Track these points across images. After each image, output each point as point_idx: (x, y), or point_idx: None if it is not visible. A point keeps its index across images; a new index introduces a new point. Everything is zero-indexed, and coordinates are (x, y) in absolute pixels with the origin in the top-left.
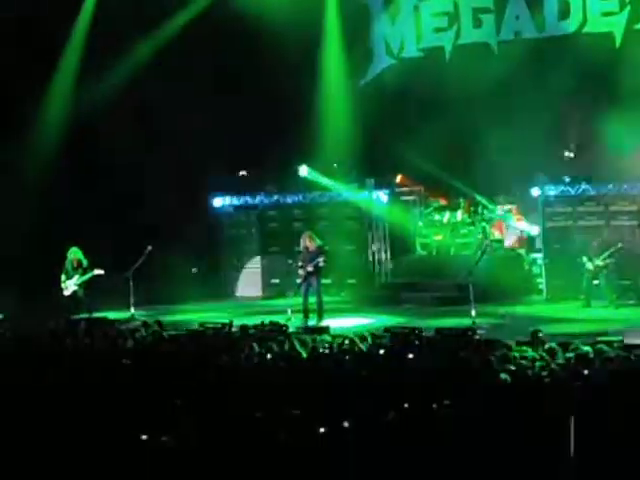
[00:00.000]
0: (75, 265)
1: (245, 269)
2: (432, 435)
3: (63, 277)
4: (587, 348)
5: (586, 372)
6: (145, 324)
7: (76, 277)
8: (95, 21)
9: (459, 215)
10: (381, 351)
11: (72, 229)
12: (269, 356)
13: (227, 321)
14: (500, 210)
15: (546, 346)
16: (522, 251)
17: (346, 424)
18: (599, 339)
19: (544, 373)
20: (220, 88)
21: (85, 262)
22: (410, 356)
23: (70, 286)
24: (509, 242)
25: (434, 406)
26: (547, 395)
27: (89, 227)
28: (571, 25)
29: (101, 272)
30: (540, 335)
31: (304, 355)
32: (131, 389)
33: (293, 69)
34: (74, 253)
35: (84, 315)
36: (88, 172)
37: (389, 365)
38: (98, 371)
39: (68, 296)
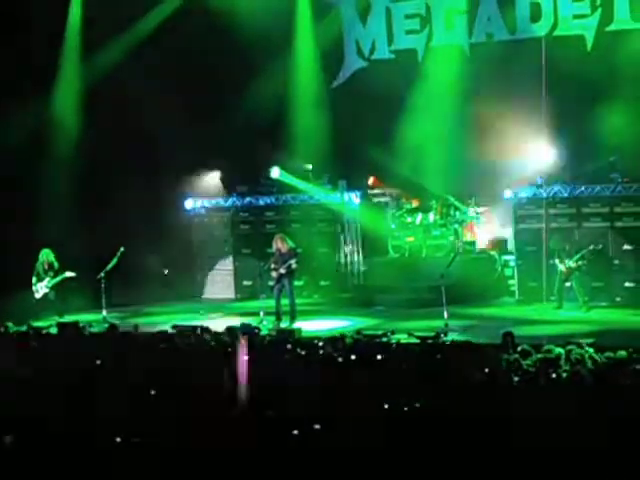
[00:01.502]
0: (46, 267)
1: (217, 271)
2: (406, 435)
3: (34, 279)
4: (559, 350)
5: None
6: (113, 327)
7: (47, 279)
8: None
9: (431, 217)
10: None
11: (41, 230)
12: None
13: (199, 323)
14: (472, 212)
15: (519, 348)
16: (494, 253)
17: (317, 426)
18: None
19: (515, 375)
20: (193, 88)
21: (56, 264)
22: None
23: (41, 289)
24: (481, 244)
25: (405, 408)
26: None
27: (59, 228)
28: (542, 27)
29: (72, 274)
30: (512, 337)
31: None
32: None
33: (265, 70)
34: (45, 255)
35: (55, 318)
36: (56, 172)
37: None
38: None
39: (39, 299)
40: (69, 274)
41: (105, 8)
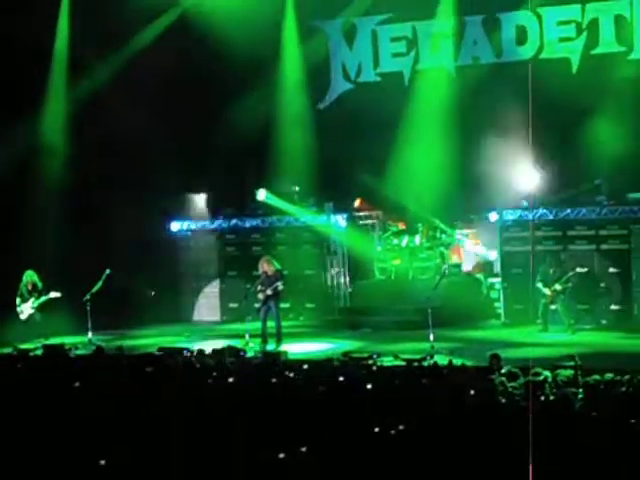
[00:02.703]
0: (30, 288)
1: (204, 293)
2: (391, 458)
3: (18, 301)
4: (546, 373)
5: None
6: (99, 349)
7: (32, 300)
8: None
9: (417, 239)
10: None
11: (26, 252)
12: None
13: (185, 345)
14: (458, 235)
15: (504, 370)
16: (480, 276)
17: (304, 449)
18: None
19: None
20: (179, 111)
21: (40, 285)
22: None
23: (26, 310)
24: (467, 267)
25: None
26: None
27: (45, 250)
28: (528, 51)
29: (57, 295)
30: (498, 359)
31: None
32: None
33: (252, 92)
34: (29, 276)
35: (40, 340)
36: (42, 196)
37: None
38: None
39: (24, 320)
40: (54, 294)
41: (92, 29)
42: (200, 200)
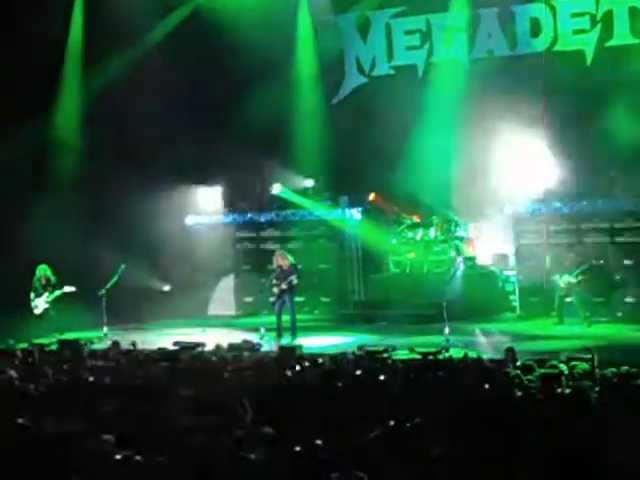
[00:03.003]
0: (44, 283)
1: (219, 287)
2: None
3: (32, 295)
4: (562, 366)
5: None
6: (115, 343)
7: (46, 295)
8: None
9: (432, 233)
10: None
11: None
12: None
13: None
14: (472, 228)
15: (519, 363)
16: (495, 269)
17: (319, 442)
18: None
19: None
20: (193, 105)
21: (54, 279)
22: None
23: (40, 304)
24: (482, 260)
25: (407, 424)
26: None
27: (60, 245)
28: (542, 43)
29: (72, 289)
30: (513, 352)
31: None
32: None
33: (266, 86)
34: (42, 270)
35: (55, 335)
36: (57, 190)
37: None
38: None
39: (39, 315)
40: (68, 289)
41: (106, 24)
42: (215, 194)
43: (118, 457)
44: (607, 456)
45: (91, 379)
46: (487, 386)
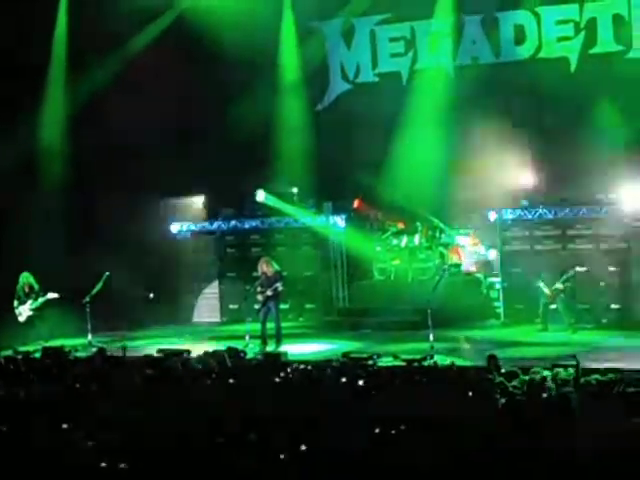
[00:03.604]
0: (27, 290)
1: (203, 294)
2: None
3: (16, 303)
4: (546, 372)
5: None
6: (101, 351)
7: (29, 302)
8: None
9: (417, 239)
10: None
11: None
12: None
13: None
14: (458, 235)
15: (502, 370)
16: (480, 275)
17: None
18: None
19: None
20: (178, 111)
21: (37, 286)
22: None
23: (24, 312)
24: (467, 266)
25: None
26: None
27: (43, 252)
28: (527, 50)
29: (55, 295)
30: (495, 359)
31: None
32: None
33: (250, 93)
34: (25, 278)
35: (40, 342)
36: (41, 197)
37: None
38: None
39: (23, 323)
40: (52, 295)
41: (90, 29)
42: (199, 201)
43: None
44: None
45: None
46: (471, 394)
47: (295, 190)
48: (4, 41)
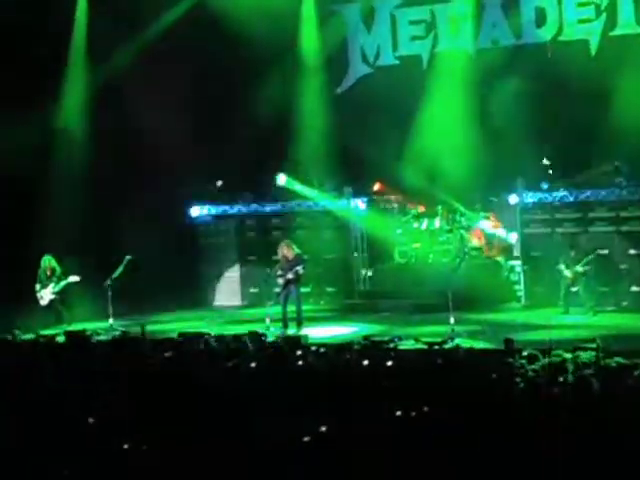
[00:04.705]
0: (49, 274)
1: (224, 278)
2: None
3: (37, 286)
4: (567, 355)
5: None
6: (124, 334)
7: (51, 285)
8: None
9: (437, 223)
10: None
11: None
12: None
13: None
14: (479, 218)
15: (525, 353)
16: (500, 258)
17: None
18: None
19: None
20: (198, 95)
21: (59, 270)
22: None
23: (46, 295)
24: (488, 249)
25: (413, 413)
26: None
27: (63, 236)
28: (547, 32)
29: (77, 279)
30: (512, 343)
31: None
32: None
33: (270, 76)
34: (48, 261)
35: (63, 326)
36: (61, 182)
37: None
38: None
39: (45, 306)
40: (73, 278)
41: (111, 14)
42: (220, 185)
43: None
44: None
45: None
46: (494, 375)
47: (316, 173)
48: (24, 28)
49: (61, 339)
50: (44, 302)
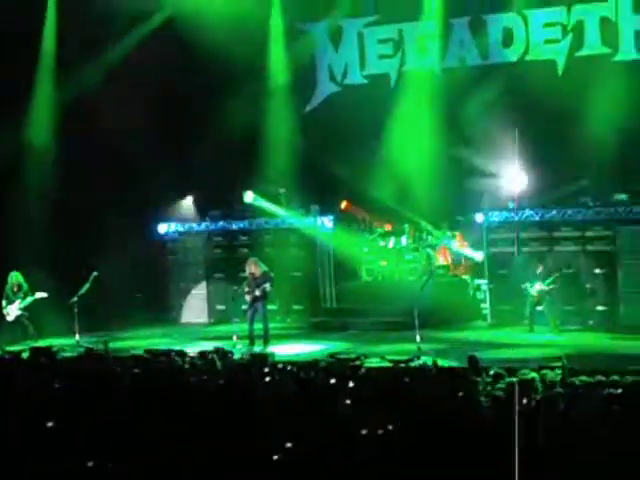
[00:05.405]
0: (15, 290)
1: (191, 295)
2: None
3: (4, 303)
4: (533, 374)
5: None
6: (90, 350)
7: (18, 302)
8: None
9: (404, 241)
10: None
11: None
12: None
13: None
14: (445, 237)
15: (491, 372)
16: (467, 277)
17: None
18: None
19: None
20: (166, 112)
21: (25, 286)
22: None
23: (12, 311)
24: (454, 268)
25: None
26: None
27: (30, 252)
28: (514, 52)
29: (44, 295)
30: (476, 360)
31: None
32: None
33: (238, 94)
34: (15, 277)
35: (29, 342)
36: (27, 196)
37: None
38: None
39: (12, 322)
40: (40, 295)
41: (80, 30)
42: (187, 202)
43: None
44: None
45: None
46: (460, 394)
47: (283, 191)
48: None
49: (26, 355)
50: (10, 318)
